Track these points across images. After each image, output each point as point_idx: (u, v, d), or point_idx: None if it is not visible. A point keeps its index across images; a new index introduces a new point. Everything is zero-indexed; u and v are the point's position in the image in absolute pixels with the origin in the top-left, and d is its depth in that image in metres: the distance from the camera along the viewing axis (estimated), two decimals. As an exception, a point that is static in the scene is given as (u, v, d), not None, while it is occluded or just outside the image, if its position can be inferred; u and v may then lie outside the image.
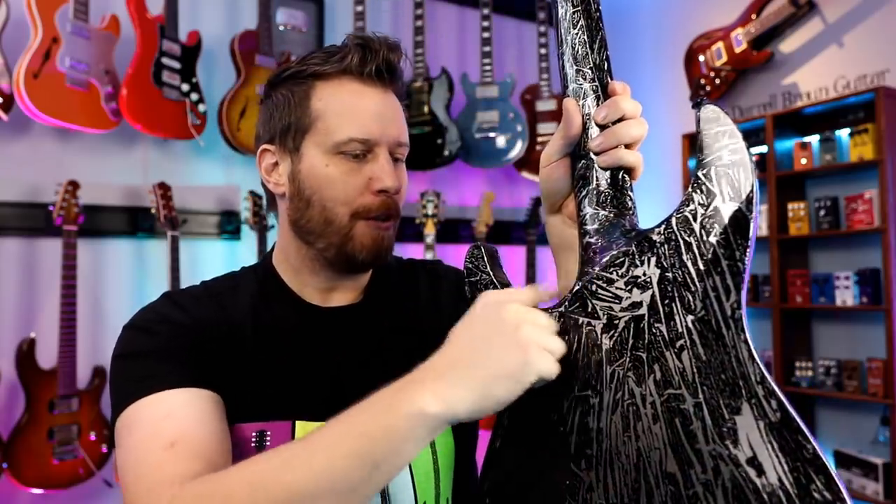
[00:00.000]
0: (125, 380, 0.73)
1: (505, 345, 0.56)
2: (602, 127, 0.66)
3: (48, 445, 2.24)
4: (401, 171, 0.84)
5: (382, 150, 0.79)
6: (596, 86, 0.67)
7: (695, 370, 0.55)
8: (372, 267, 0.85)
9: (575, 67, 0.68)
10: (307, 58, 0.82)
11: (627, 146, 0.66)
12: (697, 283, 0.56)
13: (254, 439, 0.76)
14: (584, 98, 0.68)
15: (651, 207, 3.64)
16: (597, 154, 0.67)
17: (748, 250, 0.54)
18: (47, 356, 2.33)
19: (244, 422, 0.76)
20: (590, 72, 0.67)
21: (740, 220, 0.54)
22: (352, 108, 0.79)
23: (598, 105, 0.67)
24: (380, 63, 0.80)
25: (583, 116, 0.67)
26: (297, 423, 0.77)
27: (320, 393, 0.79)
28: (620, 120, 0.66)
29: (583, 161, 0.68)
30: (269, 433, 0.76)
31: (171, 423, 0.67)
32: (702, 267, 0.56)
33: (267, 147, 0.84)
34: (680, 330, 0.57)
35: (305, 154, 0.80)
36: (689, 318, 0.56)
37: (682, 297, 0.57)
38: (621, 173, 0.67)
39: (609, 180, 0.66)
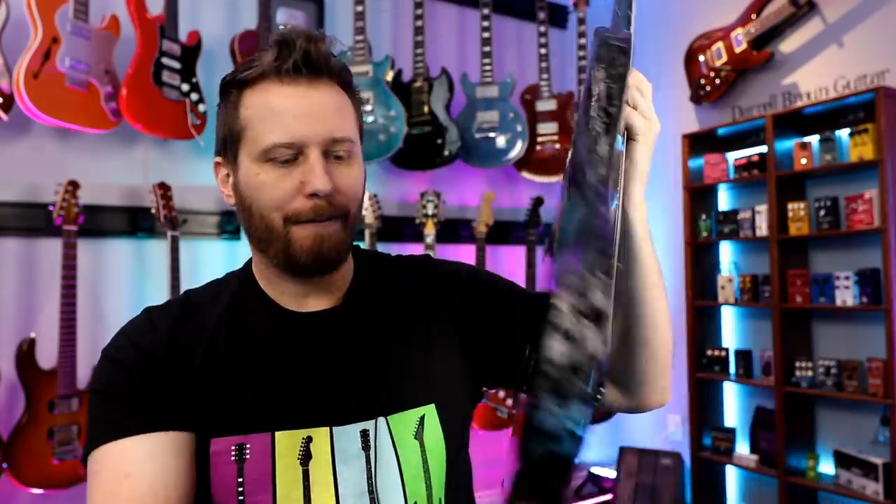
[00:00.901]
0: (95, 418, 0.75)
1: None
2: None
3: (48, 445, 2.24)
4: (344, 168, 0.79)
5: (312, 151, 0.76)
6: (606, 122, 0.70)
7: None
8: (322, 269, 0.81)
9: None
10: (240, 64, 0.80)
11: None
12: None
13: (233, 453, 0.76)
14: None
15: (651, 207, 3.65)
16: None
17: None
18: (47, 356, 2.33)
19: (223, 436, 0.76)
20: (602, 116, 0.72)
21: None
22: (272, 112, 0.76)
23: (606, 133, 0.68)
24: (297, 58, 0.75)
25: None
26: (277, 433, 0.77)
27: (299, 402, 0.79)
28: None
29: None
30: (248, 446, 0.76)
31: (129, 485, 0.70)
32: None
33: (217, 160, 0.84)
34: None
35: (241, 164, 0.79)
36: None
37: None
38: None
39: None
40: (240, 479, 0.75)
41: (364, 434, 0.79)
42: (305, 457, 0.77)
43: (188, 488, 0.74)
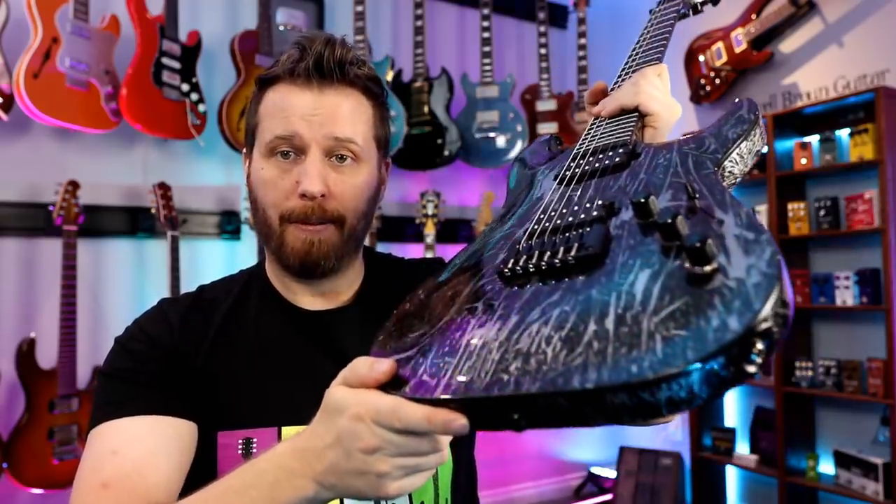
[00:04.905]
0: (97, 400, 0.76)
1: (364, 484, 0.54)
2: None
3: (48, 445, 2.24)
4: (346, 174, 0.79)
5: (313, 151, 0.77)
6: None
7: None
8: (311, 274, 0.80)
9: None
10: (271, 64, 0.83)
11: None
12: None
13: (240, 447, 0.76)
14: None
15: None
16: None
17: None
18: (47, 356, 2.33)
19: (229, 429, 0.76)
20: None
21: None
22: (279, 109, 0.78)
23: None
24: (308, 63, 0.77)
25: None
26: (283, 428, 0.77)
27: (305, 397, 0.79)
28: None
29: None
30: (255, 440, 0.76)
31: (113, 462, 0.69)
32: None
33: (245, 153, 0.87)
34: None
35: (253, 158, 0.82)
36: None
37: None
38: None
39: None
40: None
41: None
42: None
43: (177, 475, 0.72)
